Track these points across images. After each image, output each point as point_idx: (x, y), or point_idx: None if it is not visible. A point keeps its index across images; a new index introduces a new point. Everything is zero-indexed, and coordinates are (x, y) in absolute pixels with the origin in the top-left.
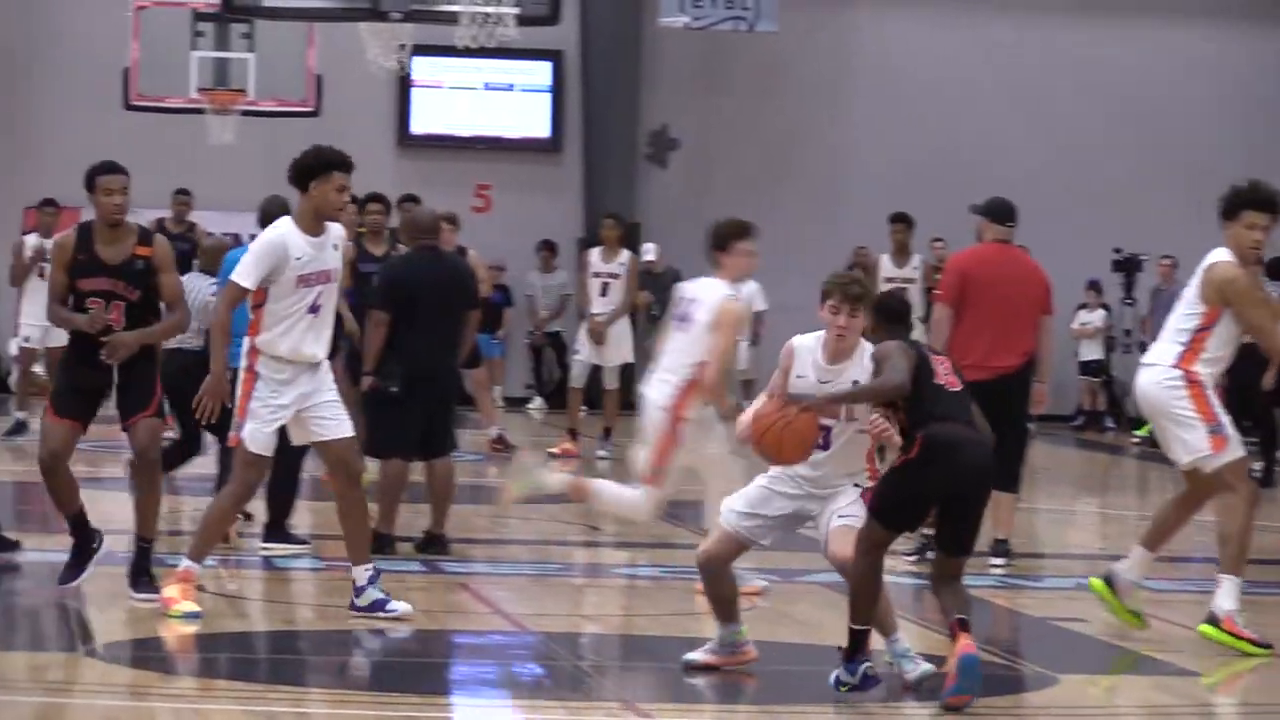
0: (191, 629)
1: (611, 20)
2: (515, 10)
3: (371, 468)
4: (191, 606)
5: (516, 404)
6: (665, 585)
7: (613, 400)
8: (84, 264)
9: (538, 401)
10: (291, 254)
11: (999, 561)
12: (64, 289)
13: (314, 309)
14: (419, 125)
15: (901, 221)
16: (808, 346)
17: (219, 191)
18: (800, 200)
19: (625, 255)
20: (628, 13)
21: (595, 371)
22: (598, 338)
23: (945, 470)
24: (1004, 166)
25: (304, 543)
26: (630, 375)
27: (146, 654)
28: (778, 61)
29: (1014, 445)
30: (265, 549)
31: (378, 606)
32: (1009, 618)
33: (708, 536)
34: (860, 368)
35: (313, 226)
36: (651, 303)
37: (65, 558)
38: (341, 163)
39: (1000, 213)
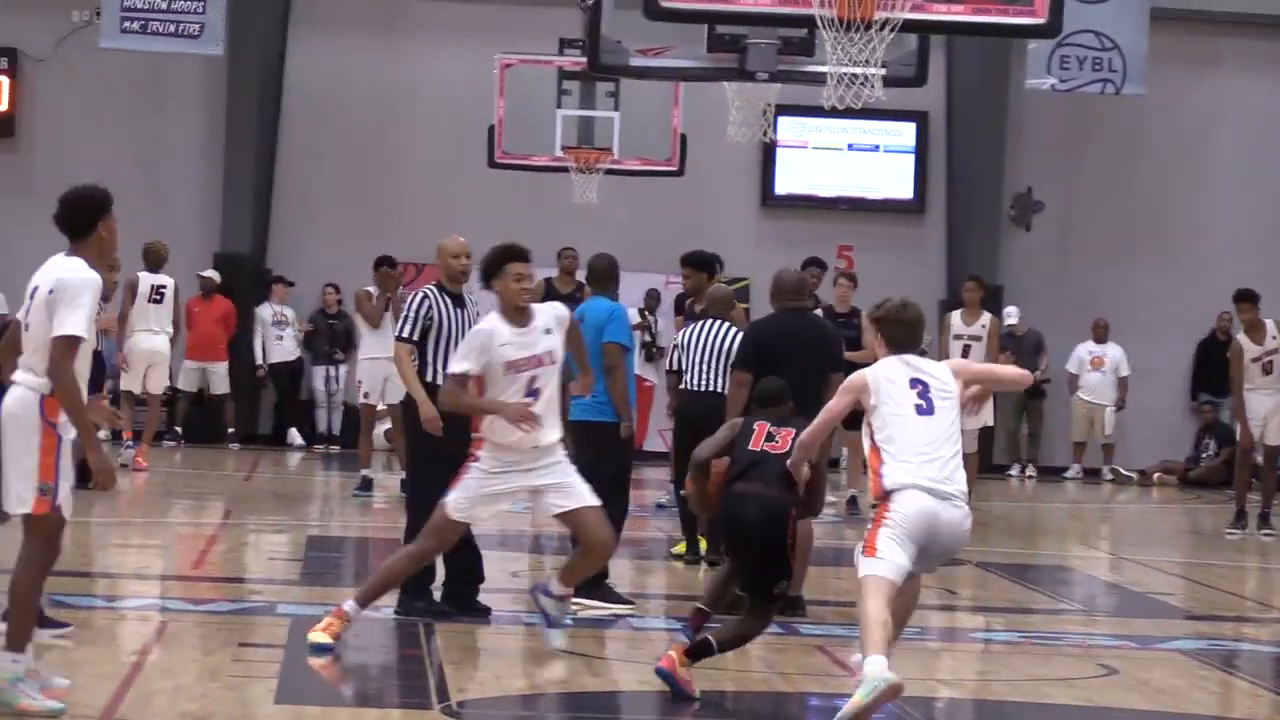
0: (528, 682)
1: (978, 82)
2: (882, 71)
3: None
4: (323, 638)
5: None
6: (1022, 650)
7: (973, 465)
8: None
9: None
10: (496, 342)
11: None
12: None
13: (532, 393)
14: (783, 185)
15: (1247, 300)
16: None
17: (581, 249)
18: (1164, 265)
19: (986, 317)
20: (995, 74)
21: None
22: None
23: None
24: None
25: (629, 602)
26: (988, 440)
27: (502, 712)
28: (1143, 124)
29: None
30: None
31: None
32: None
33: None
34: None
35: (514, 316)
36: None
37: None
38: (519, 254)
39: None
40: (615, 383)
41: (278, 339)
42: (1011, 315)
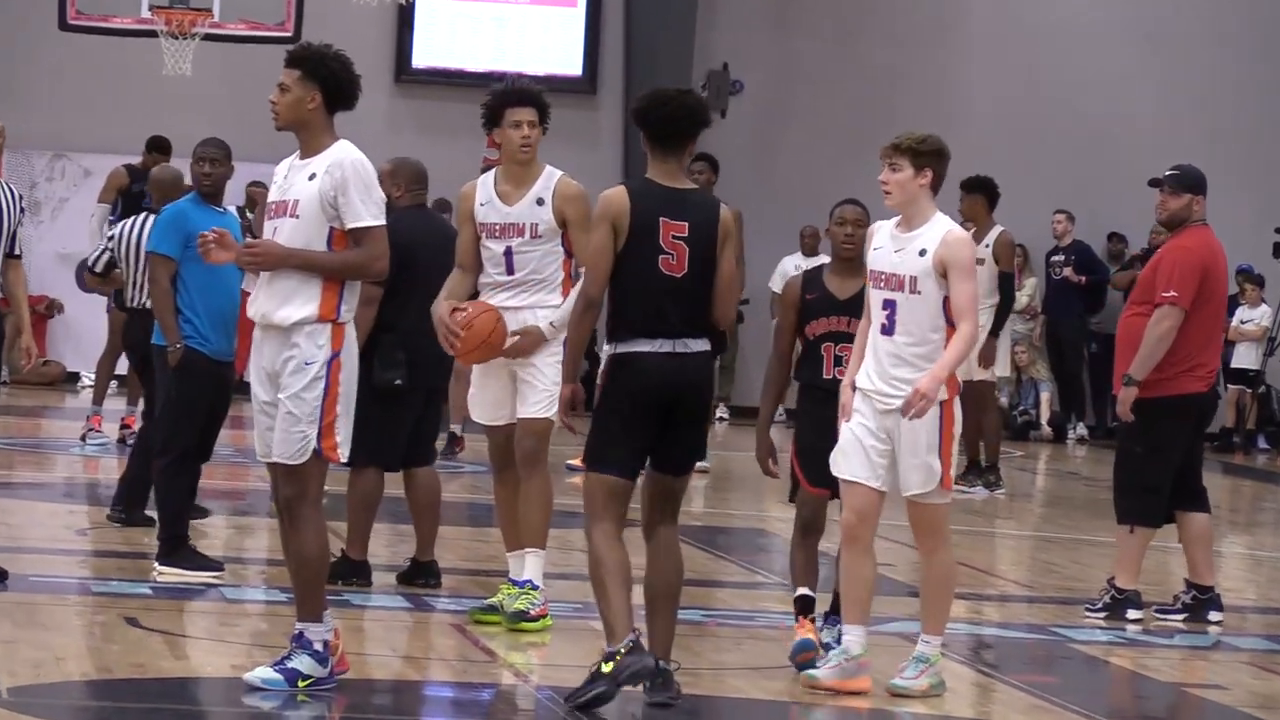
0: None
1: None
2: None
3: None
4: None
5: None
6: (709, 632)
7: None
8: None
9: None
10: (278, 171)
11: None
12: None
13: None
14: (422, 58)
15: (966, 190)
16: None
17: (173, 130)
18: None
19: None
20: None
21: None
22: None
23: None
24: (1132, 123)
25: (219, 567)
26: None
27: (58, 700)
28: None
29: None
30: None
31: None
32: (1131, 681)
33: None
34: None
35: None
36: None
37: None
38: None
39: (1205, 185)
40: (154, 299)
41: None
42: None
